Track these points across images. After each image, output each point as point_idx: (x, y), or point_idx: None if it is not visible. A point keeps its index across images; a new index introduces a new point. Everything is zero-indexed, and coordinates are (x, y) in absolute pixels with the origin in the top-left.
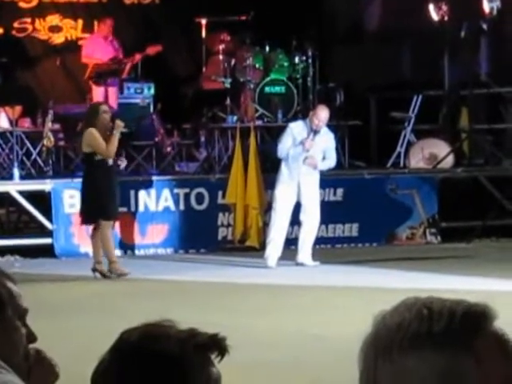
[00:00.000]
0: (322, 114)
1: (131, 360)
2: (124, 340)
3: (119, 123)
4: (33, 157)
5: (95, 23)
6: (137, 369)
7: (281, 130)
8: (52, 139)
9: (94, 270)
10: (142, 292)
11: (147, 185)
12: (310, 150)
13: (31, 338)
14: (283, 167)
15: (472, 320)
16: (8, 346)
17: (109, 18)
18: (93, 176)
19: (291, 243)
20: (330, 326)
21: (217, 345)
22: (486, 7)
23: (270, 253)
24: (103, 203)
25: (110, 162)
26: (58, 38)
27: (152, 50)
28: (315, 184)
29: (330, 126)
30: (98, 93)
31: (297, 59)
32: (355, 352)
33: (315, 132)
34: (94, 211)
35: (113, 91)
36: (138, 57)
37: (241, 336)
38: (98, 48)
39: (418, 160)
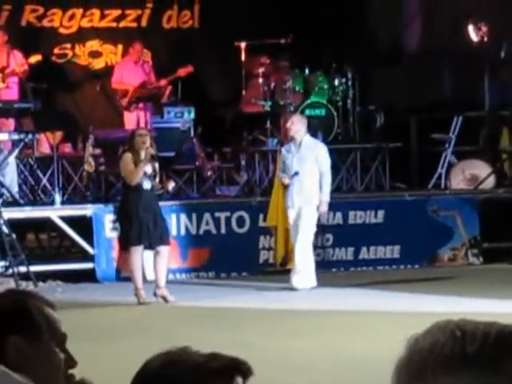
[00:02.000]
0: (287, 122)
1: None
2: (147, 367)
3: (148, 150)
4: (74, 182)
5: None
6: None
7: None
8: (93, 164)
9: (155, 294)
10: (181, 316)
11: (188, 208)
12: (287, 182)
13: (71, 363)
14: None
15: (506, 341)
16: (47, 371)
17: (138, 43)
18: (126, 200)
19: (333, 266)
20: (366, 349)
21: (237, 368)
22: None
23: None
24: (133, 228)
25: (146, 185)
26: (98, 64)
27: (183, 72)
28: (309, 206)
29: (370, 148)
30: (130, 118)
31: (337, 81)
32: (390, 375)
33: (292, 141)
34: (127, 236)
35: (146, 116)
36: (169, 79)
37: (276, 358)
38: (127, 72)
39: (459, 181)
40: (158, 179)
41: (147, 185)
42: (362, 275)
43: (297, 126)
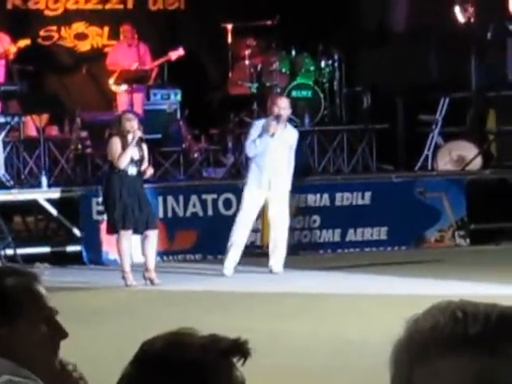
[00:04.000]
0: (280, 101)
1: (156, 369)
2: (147, 350)
3: (136, 133)
4: (60, 164)
5: (121, 30)
6: (162, 378)
7: (308, 134)
8: (79, 146)
9: (144, 277)
10: (169, 299)
11: (175, 191)
12: (274, 134)
13: (63, 334)
14: (253, 167)
15: (507, 323)
16: (32, 350)
17: (127, 24)
18: (110, 184)
19: (320, 247)
20: (359, 330)
21: (239, 349)
22: None
23: (228, 261)
24: (117, 212)
25: (131, 171)
26: (84, 46)
27: (174, 55)
28: (285, 188)
29: (356, 129)
30: (122, 100)
31: (323, 63)
32: (386, 357)
33: (277, 119)
34: (113, 220)
35: (138, 98)
36: (160, 61)
37: (268, 341)
38: (121, 54)
39: (445, 162)
40: (146, 163)
41: (132, 170)
42: (349, 257)
43: (289, 110)
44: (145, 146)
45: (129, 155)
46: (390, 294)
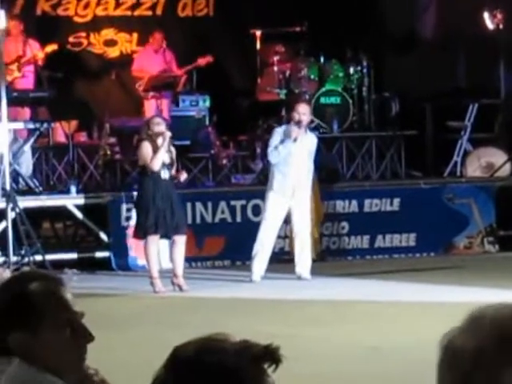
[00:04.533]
0: (300, 107)
1: (189, 373)
2: (179, 355)
3: (166, 134)
4: (89, 170)
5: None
6: (194, 382)
7: (336, 140)
8: (108, 152)
9: (172, 283)
10: (197, 305)
11: (204, 197)
12: (297, 139)
13: (88, 337)
14: (276, 174)
15: None
16: (56, 355)
17: (157, 32)
18: (144, 189)
19: (348, 254)
20: (388, 337)
21: (271, 355)
22: None
23: (255, 267)
24: (149, 217)
25: (164, 175)
26: (113, 52)
27: (203, 61)
28: (307, 194)
29: (385, 136)
30: (150, 106)
31: (352, 69)
32: (416, 363)
33: (298, 124)
34: (144, 225)
35: (165, 104)
36: (188, 68)
37: (296, 347)
38: (148, 61)
39: (474, 169)
40: (174, 168)
41: (165, 174)
42: (377, 263)
43: (309, 116)
44: (174, 153)
45: (161, 157)
46: (418, 301)
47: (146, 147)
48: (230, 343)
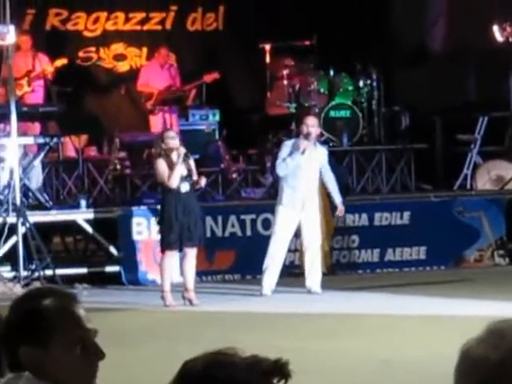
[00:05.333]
0: (308, 120)
1: None
2: (189, 369)
3: (180, 150)
4: (99, 185)
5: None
6: None
7: (346, 154)
8: (118, 167)
9: (183, 297)
10: (208, 319)
11: (214, 211)
12: (305, 151)
13: (100, 355)
14: (285, 188)
15: None
16: (66, 371)
17: (163, 47)
18: (165, 205)
19: (358, 267)
20: (399, 351)
21: (280, 370)
22: None
23: (266, 281)
24: (173, 233)
25: (184, 188)
26: (123, 67)
27: (209, 78)
28: (316, 207)
29: (395, 149)
30: (156, 121)
31: (361, 83)
32: (422, 375)
33: (307, 137)
34: (166, 240)
35: (172, 119)
36: (194, 84)
37: (306, 361)
38: (153, 76)
39: (484, 182)
40: (195, 176)
41: (185, 187)
42: (387, 277)
43: (318, 128)
44: (191, 161)
45: (178, 173)
46: (429, 314)
47: (161, 164)
48: (240, 358)
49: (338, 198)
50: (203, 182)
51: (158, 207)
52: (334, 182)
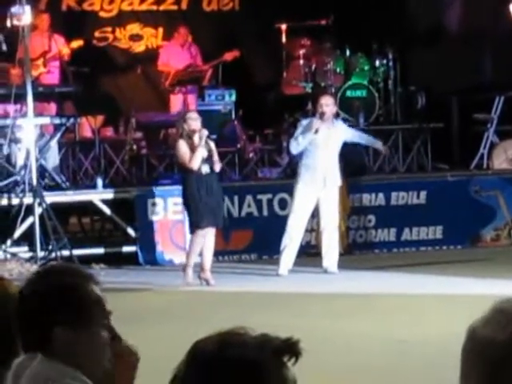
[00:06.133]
0: (322, 99)
1: (211, 368)
2: (200, 349)
3: (203, 133)
4: (116, 165)
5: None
6: (217, 376)
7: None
8: (134, 147)
9: (199, 277)
10: (224, 300)
11: (230, 191)
12: (318, 131)
13: (117, 339)
14: (304, 167)
15: None
16: (94, 355)
17: (183, 26)
18: (188, 187)
19: (375, 247)
20: (415, 330)
21: (291, 348)
22: None
23: (283, 261)
24: (199, 213)
25: (205, 169)
26: (139, 47)
27: (229, 56)
28: (336, 187)
29: (411, 129)
30: (176, 101)
31: (377, 62)
32: (438, 355)
33: (321, 116)
34: (195, 220)
35: (191, 99)
36: (215, 63)
37: (323, 341)
38: (173, 56)
39: (501, 161)
40: (216, 157)
41: (206, 168)
42: (404, 256)
43: (333, 107)
44: (211, 143)
45: (200, 156)
46: (445, 294)
47: (183, 146)
48: (251, 337)
49: (376, 143)
50: (218, 167)
51: (178, 188)
52: (364, 135)
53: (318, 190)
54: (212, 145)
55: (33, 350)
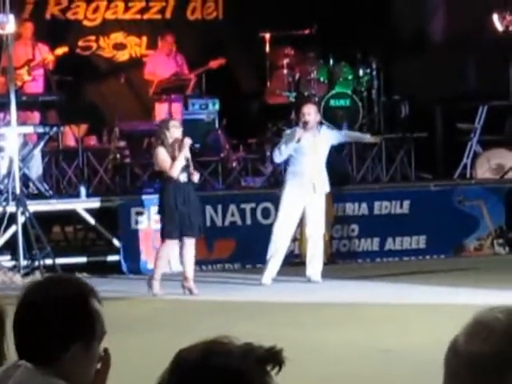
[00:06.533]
0: (305, 108)
1: (195, 376)
2: (184, 358)
3: (186, 141)
4: (99, 174)
5: (159, 40)
6: None
7: (346, 143)
8: (118, 156)
9: (183, 286)
10: (208, 309)
11: (214, 200)
12: (300, 140)
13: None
14: (290, 178)
15: None
16: (90, 372)
17: (169, 35)
18: (165, 194)
19: (358, 256)
20: (399, 340)
21: (275, 357)
22: None
23: (268, 270)
24: (173, 222)
25: (183, 177)
26: (123, 56)
27: (215, 64)
28: (323, 195)
29: (395, 138)
30: (161, 110)
31: (361, 72)
32: (423, 364)
33: (304, 125)
34: (166, 229)
35: (177, 107)
36: (200, 71)
37: (306, 350)
38: (160, 64)
39: (484, 171)
40: (191, 168)
41: (184, 177)
42: (387, 266)
43: (316, 115)
44: (188, 153)
45: (180, 164)
46: (429, 303)
47: (162, 153)
48: (234, 346)
49: (365, 138)
50: (196, 177)
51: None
52: (350, 133)
53: (305, 195)
54: (188, 154)
55: (27, 359)
